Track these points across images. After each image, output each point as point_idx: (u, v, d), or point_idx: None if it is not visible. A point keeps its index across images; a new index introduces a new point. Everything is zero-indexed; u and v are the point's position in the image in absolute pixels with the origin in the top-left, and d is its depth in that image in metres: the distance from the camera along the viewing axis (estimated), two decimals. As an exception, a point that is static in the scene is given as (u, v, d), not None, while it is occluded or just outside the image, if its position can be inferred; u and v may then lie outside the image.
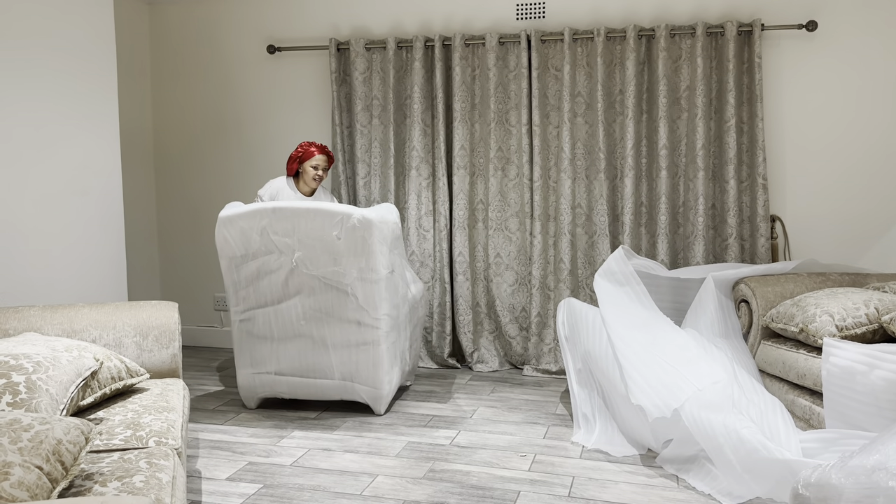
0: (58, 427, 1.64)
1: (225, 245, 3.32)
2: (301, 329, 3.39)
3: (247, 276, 3.36)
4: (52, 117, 3.30)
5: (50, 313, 2.71)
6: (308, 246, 3.25)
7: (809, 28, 3.99)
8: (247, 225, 3.27)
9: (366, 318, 3.33)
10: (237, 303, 3.43)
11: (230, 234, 3.30)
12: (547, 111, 4.33)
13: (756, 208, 4.08)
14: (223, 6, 4.87)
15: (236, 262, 3.34)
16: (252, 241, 3.29)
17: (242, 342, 3.49)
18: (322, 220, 3.21)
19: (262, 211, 3.25)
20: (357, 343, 3.38)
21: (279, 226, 3.24)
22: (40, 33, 3.23)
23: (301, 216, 3.22)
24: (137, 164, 4.95)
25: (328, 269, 3.27)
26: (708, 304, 3.57)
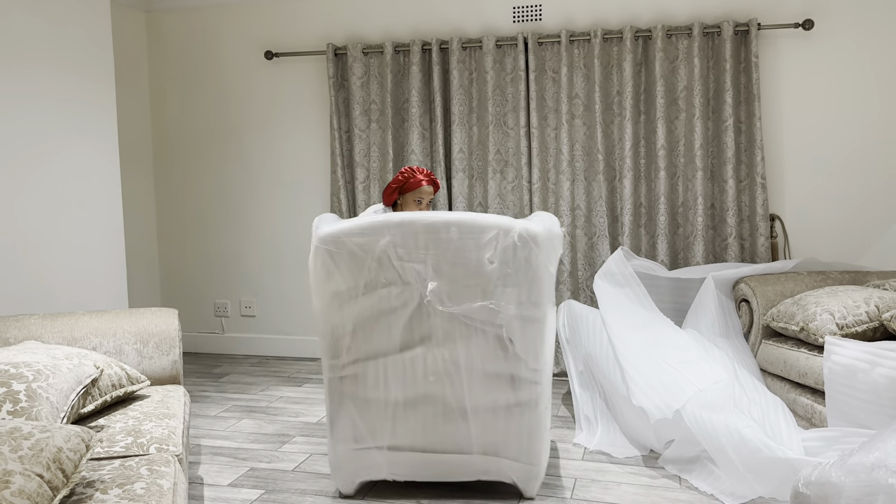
0: (58, 435, 1.64)
1: (327, 276, 2.46)
2: (429, 388, 2.51)
3: (356, 318, 2.48)
4: (50, 126, 3.31)
5: (50, 321, 2.72)
6: (446, 273, 2.43)
7: (806, 27, 3.99)
8: (362, 246, 2.43)
9: (523, 370, 2.47)
10: (338, 353, 2.53)
11: (336, 260, 2.44)
12: (545, 113, 4.34)
13: (755, 207, 4.08)
14: (220, 13, 4.88)
15: (341, 300, 2.46)
16: (367, 269, 2.45)
17: (342, 406, 2.57)
18: (469, 236, 2.40)
19: (384, 226, 2.42)
20: (507, 405, 2.50)
21: (407, 246, 2.42)
22: (37, 43, 3.24)
23: (439, 232, 2.41)
24: (136, 171, 4.96)
25: (474, 304, 2.44)
26: (708, 304, 3.57)
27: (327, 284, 2.47)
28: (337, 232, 2.44)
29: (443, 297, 2.44)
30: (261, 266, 4.96)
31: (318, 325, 2.53)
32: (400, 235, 2.42)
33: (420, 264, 2.43)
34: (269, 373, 4.53)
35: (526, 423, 2.51)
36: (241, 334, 5.04)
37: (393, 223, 2.42)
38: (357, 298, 2.47)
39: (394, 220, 2.42)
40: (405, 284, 2.45)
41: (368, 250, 2.42)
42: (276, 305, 4.96)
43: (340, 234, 2.44)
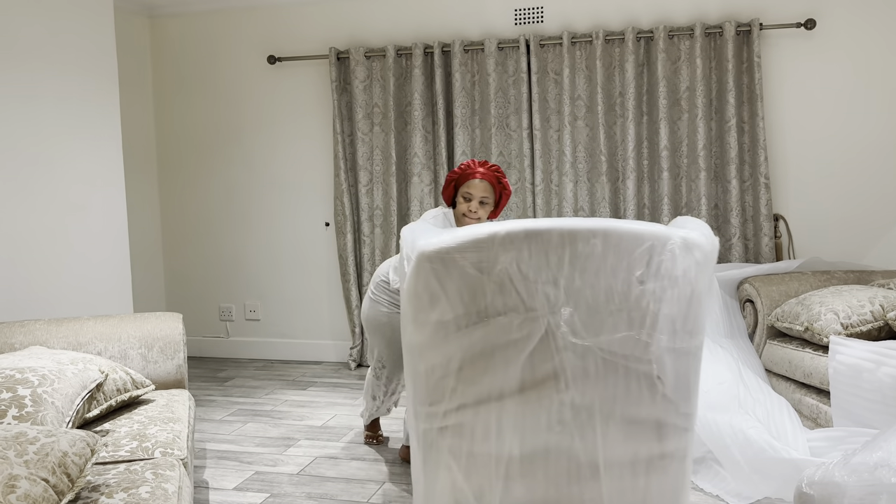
0: (63, 439, 1.65)
1: (430, 302, 1.92)
2: (553, 439, 1.97)
3: (464, 354, 1.93)
4: (54, 131, 3.32)
5: (55, 327, 2.73)
6: (584, 296, 1.91)
7: (808, 27, 3.98)
8: (477, 264, 1.90)
9: (671, 414, 1.98)
10: (438, 398, 1.98)
11: (444, 282, 1.91)
12: (547, 115, 4.34)
13: (759, 207, 4.07)
14: (223, 18, 4.89)
15: (446, 331, 1.93)
16: (483, 292, 1.91)
17: (439, 464, 2.02)
18: (617, 249, 1.89)
19: (507, 237, 1.89)
20: (650, 458, 2.00)
21: (536, 263, 1.89)
22: (42, 48, 3.26)
23: (578, 243, 1.88)
24: (141, 175, 4.98)
25: (616, 334, 1.93)
26: (713, 305, 3.57)
27: (430, 312, 1.92)
28: (447, 247, 1.88)
29: (577, 325, 1.91)
30: (265, 270, 4.97)
31: (412, 363, 1.99)
32: (527, 249, 1.87)
33: (550, 286, 1.89)
34: (273, 376, 4.54)
35: (671, 479, 2.00)
36: (245, 338, 5.05)
37: (519, 233, 1.88)
38: (467, 329, 1.91)
39: (519, 230, 1.89)
40: (529, 311, 1.90)
41: (486, 269, 1.88)
42: (280, 309, 4.97)
43: (451, 249, 1.89)
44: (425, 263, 1.90)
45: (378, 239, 4.62)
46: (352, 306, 4.64)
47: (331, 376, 4.51)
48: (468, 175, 2.84)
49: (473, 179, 2.82)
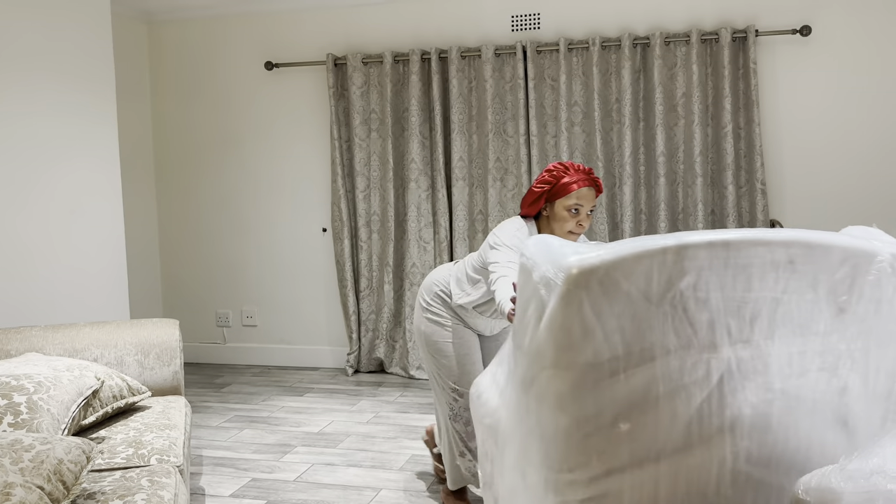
0: (59, 447, 1.65)
1: (583, 337, 1.48)
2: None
3: (618, 405, 1.51)
4: (51, 137, 3.32)
5: (51, 333, 2.72)
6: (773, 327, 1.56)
7: (803, 33, 4.00)
8: (645, 288, 1.48)
9: None
10: (583, 461, 1.52)
11: (600, 311, 1.48)
12: (544, 121, 4.35)
13: (755, 213, 4.08)
14: (221, 25, 4.90)
15: (599, 374, 1.50)
16: (650, 324, 1.49)
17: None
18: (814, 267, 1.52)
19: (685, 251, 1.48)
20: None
21: (720, 286, 1.50)
22: (38, 54, 3.26)
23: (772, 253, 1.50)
24: (138, 181, 4.98)
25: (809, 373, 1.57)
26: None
27: (580, 352, 1.47)
28: (608, 264, 1.45)
29: (761, 363, 1.53)
30: (262, 275, 4.96)
31: (543, 417, 1.53)
32: (710, 268, 1.47)
33: (733, 315, 1.50)
34: (270, 382, 4.53)
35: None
36: (242, 344, 5.05)
37: (700, 246, 1.47)
38: (626, 372, 1.49)
39: (700, 242, 1.48)
40: (706, 348, 1.50)
41: (656, 295, 1.47)
42: (277, 315, 4.96)
43: (613, 268, 1.45)
44: (579, 288, 1.46)
45: (375, 244, 4.62)
46: (349, 312, 4.64)
47: (328, 382, 4.50)
48: (571, 184, 2.39)
49: (581, 188, 2.39)
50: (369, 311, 4.67)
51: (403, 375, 4.59)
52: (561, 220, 2.42)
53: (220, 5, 4.72)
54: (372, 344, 4.69)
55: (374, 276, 4.64)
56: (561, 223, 2.42)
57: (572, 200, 2.39)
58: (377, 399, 4.11)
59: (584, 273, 1.45)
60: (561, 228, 2.42)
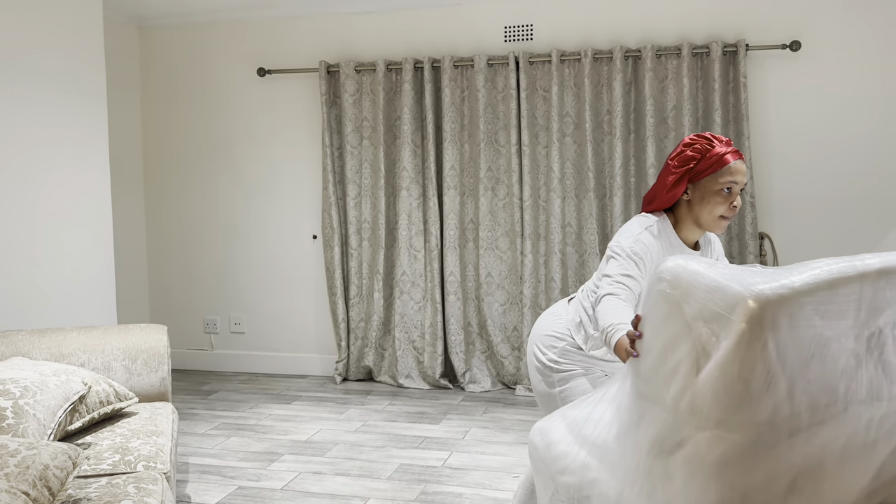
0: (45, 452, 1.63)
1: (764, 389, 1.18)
2: None
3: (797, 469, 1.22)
4: (41, 140, 3.30)
5: (38, 337, 2.69)
6: None
7: (793, 48, 4.05)
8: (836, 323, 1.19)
9: None
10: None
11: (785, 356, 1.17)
12: (536, 131, 4.37)
13: (744, 226, 4.11)
14: (213, 30, 4.90)
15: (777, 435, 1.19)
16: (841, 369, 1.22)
17: None
18: None
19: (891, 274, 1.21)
20: None
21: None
22: (30, 57, 3.24)
23: None
24: (127, 186, 4.95)
25: None
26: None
27: (759, 407, 1.17)
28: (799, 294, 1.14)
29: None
30: (251, 282, 4.94)
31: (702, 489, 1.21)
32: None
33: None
34: (258, 390, 4.50)
35: None
36: (230, 351, 5.01)
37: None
38: (809, 430, 1.20)
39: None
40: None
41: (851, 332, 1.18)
42: (265, 322, 4.94)
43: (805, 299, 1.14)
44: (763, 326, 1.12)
45: (366, 252, 4.61)
46: (338, 319, 4.62)
47: (316, 390, 4.48)
48: (725, 155, 1.91)
49: (735, 160, 1.91)
50: (359, 318, 4.66)
51: (392, 384, 4.57)
52: (711, 204, 1.92)
53: (213, 11, 4.71)
54: (361, 352, 4.67)
55: (364, 284, 4.63)
56: (710, 208, 1.92)
57: (727, 177, 1.89)
58: (365, 407, 4.10)
59: (771, 306, 1.11)
60: (710, 214, 1.93)
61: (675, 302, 1.24)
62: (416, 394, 4.38)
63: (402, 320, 4.54)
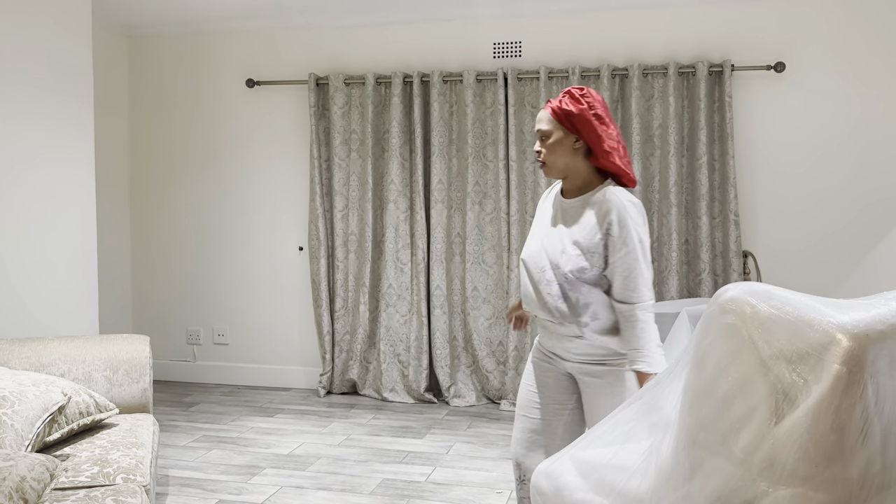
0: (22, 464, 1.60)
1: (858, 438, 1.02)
2: None
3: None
4: (26, 146, 3.27)
5: (17, 346, 2.66)
6: None
7: (778, 69, 4.10)
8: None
9: None
10: None
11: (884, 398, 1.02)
12: (523, 147, 4.39)
13: (728, 244, 4.14)
14: (202, 40, 4.89)
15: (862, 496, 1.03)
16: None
17: None
18: None
19: None
20: None
21: None
22: (17, 64, 3.22)
23: None
24: (112, 194, 4.91)
25: None
26: (682, 339, 3.60)
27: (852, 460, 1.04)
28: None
29: None
30: (235, 294, 4.91)
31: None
32: None
33: None
34: (240, 402, 4.46)
35: None
36: (213, 363, 4.97)
37: None
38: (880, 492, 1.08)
39: None
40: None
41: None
42: (249, 334, 4.91)
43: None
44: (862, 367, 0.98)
45: (352, 264, 4.60)
46: (323, 332, 4.60)
47: (299, 403, 4.44)
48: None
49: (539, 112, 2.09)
50: (343, 331, 4.64)
51: (376, 397, 4.55)
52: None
53: (203, 21, 4.72)
54: (345, 365, 4.65)
55: (350, 297, 4.62)
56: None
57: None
58: (349, 421, 4.07)
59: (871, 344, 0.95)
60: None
61: (747, 338, 1.07)
62: (401, 408, 4.36)
63: (388, 333, 4.53)
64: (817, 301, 1.07)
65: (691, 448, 1.14)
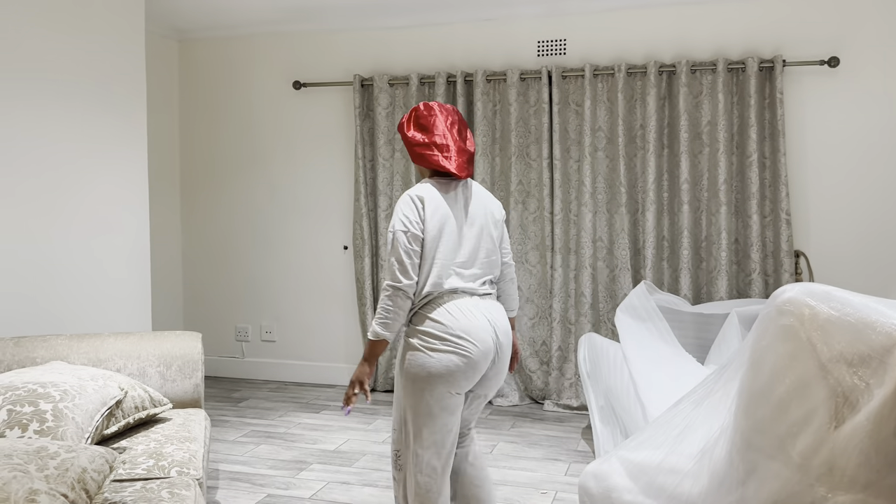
0: (83, 455, 1.66)
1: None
2: None
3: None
4: (82, 152, 3.39)
5: (76, 342, 2.75)
6: None
7: (831, 64, 3.99)
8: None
9: None
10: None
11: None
12: (567, 145, 4.36)
13: (779, 243, 4.05)
14: (250, 43, 4.99)
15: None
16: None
17: None
18: None
19: None
20: None
21: None
22: (73, 70, 3.33)
23: None
24: (164, 195, 5.04)
25: None
26: (732, 341, 3.54)
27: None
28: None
29: None
30: (282, 292, 4.99)
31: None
32: None
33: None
34: (287, 398, 4.53)
35: None
36: (260, 359, 5.07)
37: None
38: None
39: None
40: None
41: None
42: (295, 331, 4.98)
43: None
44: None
45: (396, 264, 4.63)
46: (367, 330, 4.64)
47: (344, 400, 4.49)
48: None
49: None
50: (388, 330, 4.67)
51: (420, 396, 4.57)
52: None
53: (251, 24, 4.81)
54: (389, 363, 4.69)
55: (394, 296, 4.65)
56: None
57: None
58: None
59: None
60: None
61: (806, 340, 1.05)
62: (444, 406, 4.37)
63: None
64: (879, 302, 1.04)
65: (746, 451, 1.12)
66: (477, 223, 2.23)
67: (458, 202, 2.22)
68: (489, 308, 2.19)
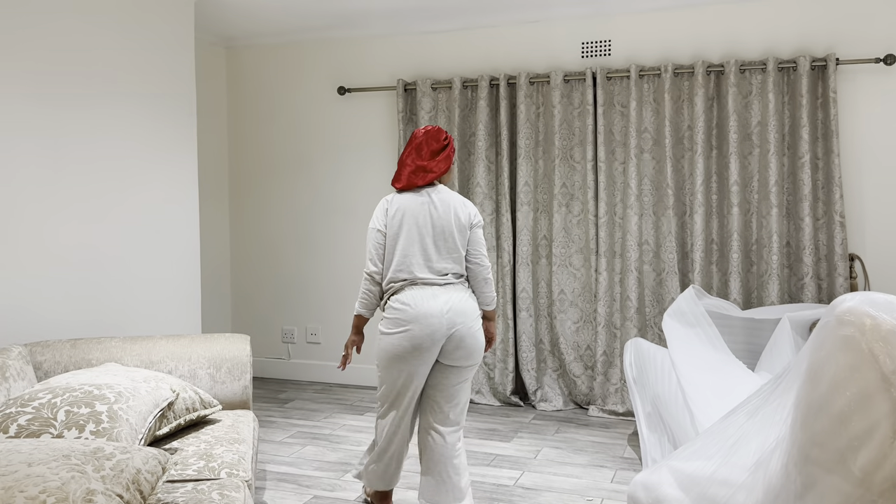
0: (137, 456, 1.70)
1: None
2: None
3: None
4: (135, 155, 3.48)
5: (129, 345, 2.83)
6: None
7: (887, 62, 3.86)
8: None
9: None
10: None
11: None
12: (612, 147, 4.31)
13: (833, 246, 3.93)
14: (296, 50, 5.06)
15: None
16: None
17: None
18: None
19: None
20: None
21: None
22: (125, 76, 3.43)
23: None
24: (212, 200, 5.15)
25: None
26: (784, 347, 3.44)
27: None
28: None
29: None
30: (327, 294, 5.05)
31: None
32: None
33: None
34: (332, 400, 4.58)
35: None
36: (306, 361, 5.13)
37: None
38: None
39: None
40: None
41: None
42: (340, 333, 5.03)
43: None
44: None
45: (439, 267, 4.64)
46: (411, 334, 4.66)
47: (388, 403, 4.52)
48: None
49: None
50: (431, 333, 4.69)
51: (463, 399, 4.57)
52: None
53: (297, 31, 4.88)
54: (432, 366, 4.69)
55: (437, 299, 4.66)
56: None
57: None
58: (437, 422, 4.10)
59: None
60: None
61: (867, 351, 1.02)
62: (487, 410, 4.36)
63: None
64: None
65: (804, 465, 1.08)
66: (439, 224, 2.62)
67: (423, 206, 2.63)
68: (446, 293, 2.58)
